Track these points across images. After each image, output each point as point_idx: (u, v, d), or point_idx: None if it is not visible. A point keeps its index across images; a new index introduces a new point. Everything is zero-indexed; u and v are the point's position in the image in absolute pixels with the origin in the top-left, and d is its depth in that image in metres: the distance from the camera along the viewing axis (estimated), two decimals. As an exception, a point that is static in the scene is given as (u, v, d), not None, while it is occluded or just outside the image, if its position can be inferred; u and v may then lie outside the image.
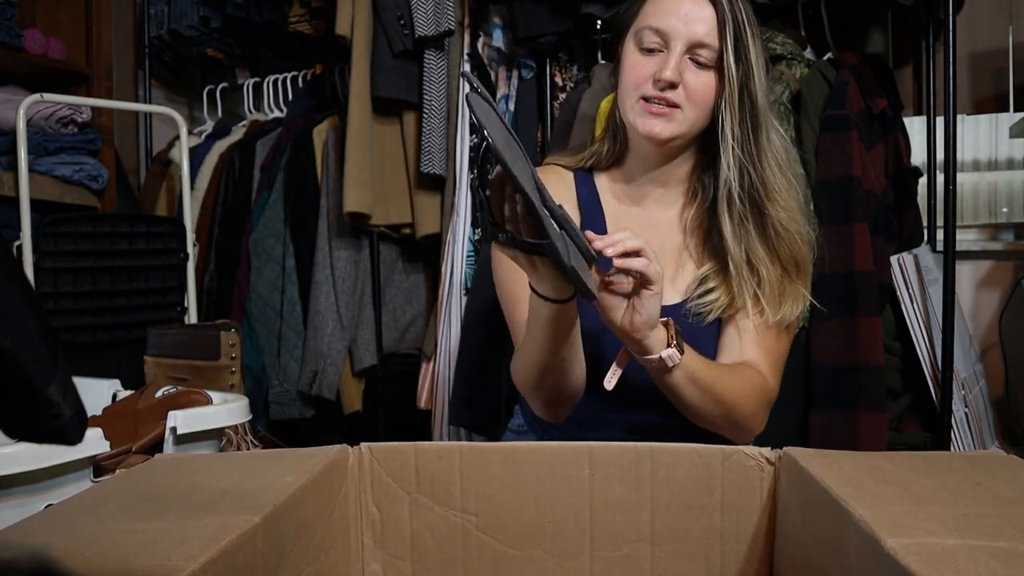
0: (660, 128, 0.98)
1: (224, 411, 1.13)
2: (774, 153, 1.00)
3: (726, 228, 1.00)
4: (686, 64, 0.97)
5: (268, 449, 1.00)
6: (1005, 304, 1.95)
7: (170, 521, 0.51)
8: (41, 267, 1.79)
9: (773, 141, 1.01)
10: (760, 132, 0.98)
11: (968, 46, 2.02)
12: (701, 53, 0.96)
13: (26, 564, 0.45)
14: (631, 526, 0.69)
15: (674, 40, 0.96)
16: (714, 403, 0.94)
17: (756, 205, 0.99)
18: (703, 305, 1.02)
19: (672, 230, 1.09)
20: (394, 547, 0.73)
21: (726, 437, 1.01)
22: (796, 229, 1.01)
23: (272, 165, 2.23)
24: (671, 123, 0.98)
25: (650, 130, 0.98)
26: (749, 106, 0.97)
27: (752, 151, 0.98)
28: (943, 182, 1.59)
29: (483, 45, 2.02)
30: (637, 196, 1.10)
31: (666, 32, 0.97)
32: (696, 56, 0.97)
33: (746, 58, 0.96)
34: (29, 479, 0.90)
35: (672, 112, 0.98)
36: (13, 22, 2.11)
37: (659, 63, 0.97)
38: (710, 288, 1.03)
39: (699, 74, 0.97)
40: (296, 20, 2.29)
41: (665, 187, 1.08)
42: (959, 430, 1.65)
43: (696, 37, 0.96)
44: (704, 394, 0.92)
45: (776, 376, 1.04)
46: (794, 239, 1.01)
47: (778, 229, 1.00)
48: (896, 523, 0.47)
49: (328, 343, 2.07)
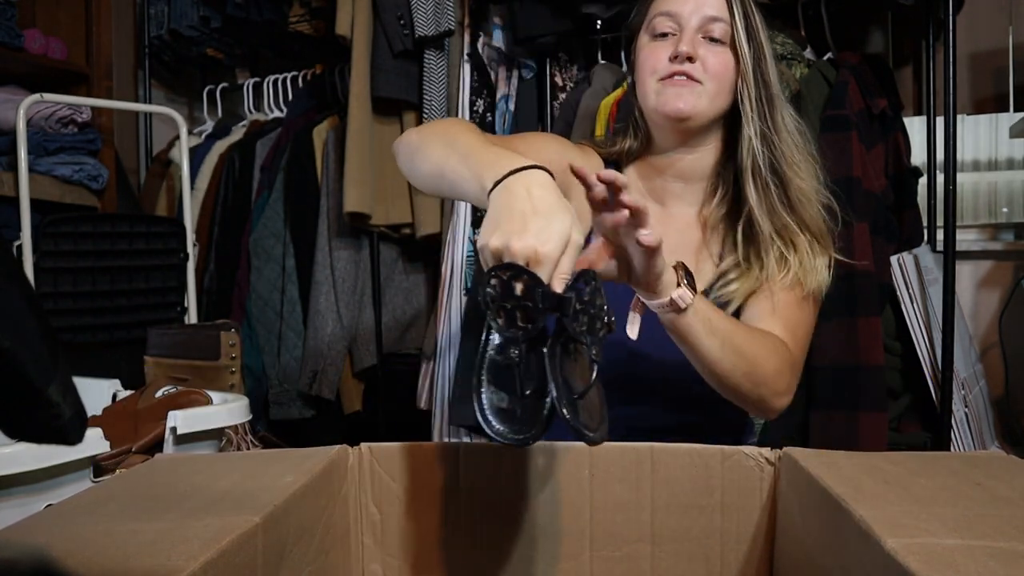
0: (683, 102, 0.99)
1: (224, 411, 1.13)
2: (789, 132, 1.02)
3: (752, 198, 1.00)
4: (700, 41, 0.99)
5: (268, 449, 1.00)
6: (1005, 304, 1.95)
7: (170, 521, 0.51)
8: (41, 267, 1.79)
9: (788, 122, 1.03)
10: (776, 111, 1.01)
11: (968, 46, 2.02)
12: (715, 28, 0.99)
13: (26, 564, 0.45)
14: (631, 526, 0.69)
15: (686, 18, 0.99)
16: (734, 355, 0.89)
17: (778, 174, 1.00)
18: (723, 296, 1.01)
19: (691, 227, 1.09)
20: (394, 547, 0.73)
21: (752, 410, 0.97)
22: (818, 199, 1.03)
23: (272, 165, 2.23)
24: (693, 95, 0.99)
25: (673, 107, 0.99)
26: (763, 84, 1.00)
27: (771, 125, 1.00)
28: (943, 182, 1.59)
29: (483, 45, 2.02)
30: (659, 193, 1.10)
31: (677, 13, 1.00)
32: (710, 32, 0.99)
33: (757, 36, 1.00)
34: (29, 479, 0.90)
35: (692, 85, 0.99)
36: (13, 22, 2.11)
37: (674, 43, 0.99)
38: (730, 279, 1.02)
39: (714, 50, 0.99)
40: (296, 20, 2.29)
41: (687, 183, 1.08)
42: (959, 430, 1.65)
43: (708, 12, 0.99)
44: (723, 345, 0.88)
45: (799, 348, 1.01)
46: (817, 209, 1.02)
47: (801, 199, 1.01)
48: (896, 523, 0.47)
49: (328, 343, 2.07)
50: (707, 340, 0.87)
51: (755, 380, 0.91)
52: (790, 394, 0.96)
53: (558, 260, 0.62)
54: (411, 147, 0.89)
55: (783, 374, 0.95)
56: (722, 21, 0.99)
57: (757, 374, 0.91)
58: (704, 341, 0.87)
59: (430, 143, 0.85)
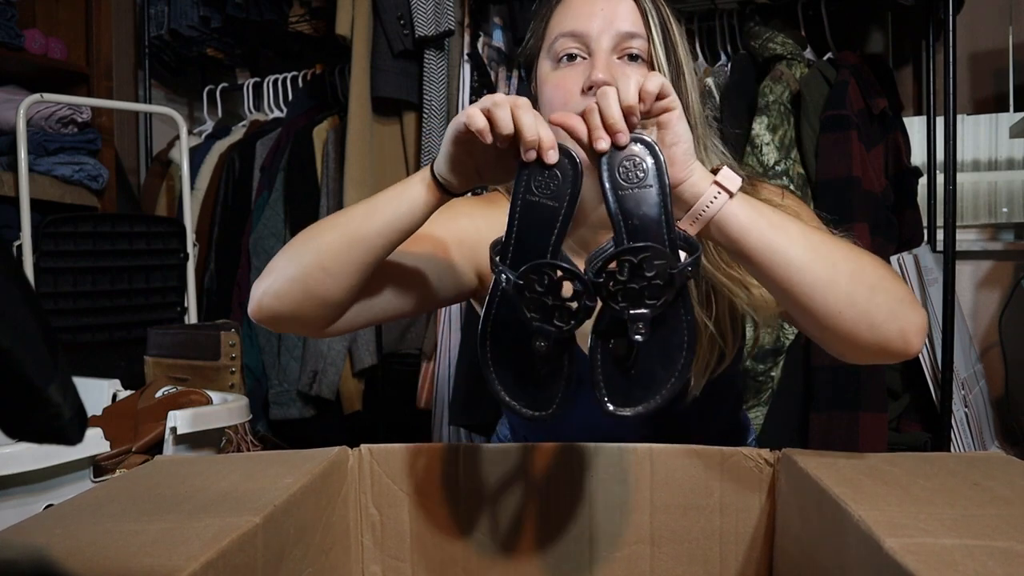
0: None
1: (224, 411, 1.13)
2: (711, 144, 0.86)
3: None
4: (616, 63, 0.81)
5: (268, 450, 1.00)
6: (1005, 304, 1.96)
7: (170, 521, 0.51)
8: (41, 267, 1.79)
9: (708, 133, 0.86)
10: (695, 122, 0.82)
11: (968, 46, 2.02)
12: (632, 44, 0.81)
13: (26, 564, 0.45)
14: (631, 527, 0.69)
15: (596, 38, 0.81)
16: (832, 254, 0.65)
17: None
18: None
19: None
20: (394, 548, 0.73)
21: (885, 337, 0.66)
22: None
23: (272, 165, 2.23)
24: None
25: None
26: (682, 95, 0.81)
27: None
28: (943, 182, 1.59)
29: (483, 45, 2.02)
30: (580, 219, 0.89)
31: (585, 32, 0.81)
32: (627, 49, 0.81)
33: (675, 51, 0.83)
34: (29, 479, 0.90)
35: None
36: (13, 22, 2.11)
37: (585, 70, 0.80)
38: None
39: (635, 70, 0.81)
40: (296, 20, 2.29)
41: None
42: (959, 430, 1.65)
43: (622, 28, 0.81)
44: (807, 241, 0.65)
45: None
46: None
47: None
48: (895, 523, 0.47)
49: (328, 343, 2.07)
50: (784, 241, 0.64)
51: (872, 284, 0.65)
52: (922, 315, 0.68)
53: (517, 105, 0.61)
54: (292, 256, 0.75)
55: (900, 280, 0.69)
56: (639, 37, 0.81)
57: (869, 276, 0.66)
58: (781, 241, 0.64)
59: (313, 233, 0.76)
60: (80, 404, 0.38)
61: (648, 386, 0.60)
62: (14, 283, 0.35)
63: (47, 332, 0.36)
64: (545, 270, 0.59)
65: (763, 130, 1.66)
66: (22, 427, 0.37)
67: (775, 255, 0.64)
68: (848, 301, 0.65)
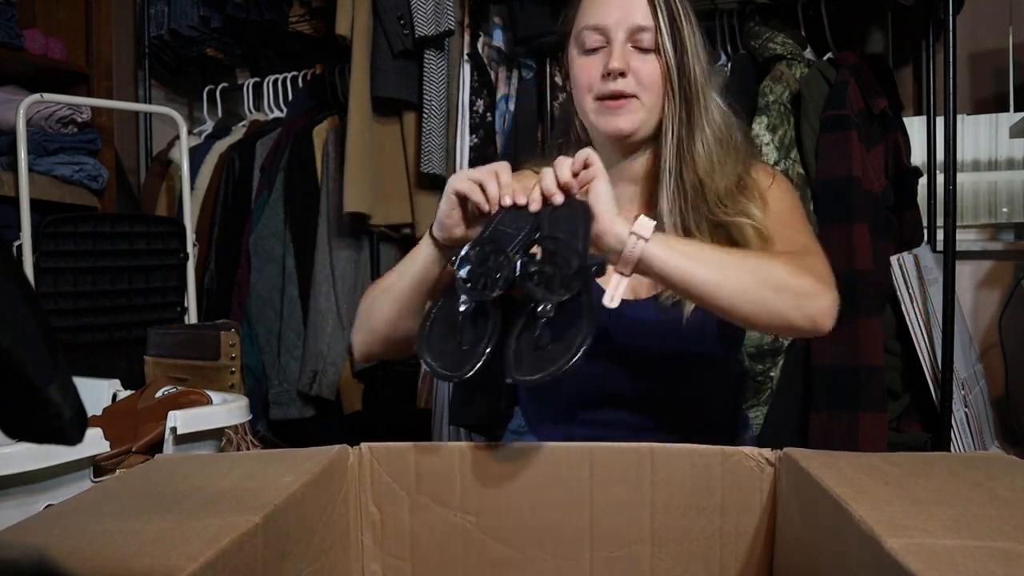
0: (622, 122, 0.99)
1: (224, 411, 1.13)
2: (713, 130, 0.99)
3: (664, 203, 0.97)
4: (631, 52, 0.98)
5: (268, 449, 1.00)
6: (1005, 304, 1.96)
7: (170, 521, 0.51)
8: (41, 267, 1.79)
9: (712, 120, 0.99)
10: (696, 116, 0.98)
11: (968, 46, 2.02)
12: (642, 37, 0.97)
13: (26, 564, 0.45)
14: (631, 527, 0.69)
15: (613, 31, 0.98)
16: (737, 271, 0.82)
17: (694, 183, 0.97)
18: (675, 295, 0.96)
19: None
20: (394, 547, 0.73)
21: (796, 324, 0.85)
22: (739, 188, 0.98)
23: (272, 165, 2.23)
24: (631, 114, 0.98)
25: (614, 127, 0.99)
26: (684, 94, 0.97)
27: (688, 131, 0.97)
28: (943, 182, 1.59)
29: (483, 45, 2.02)
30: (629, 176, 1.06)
31: (604, 26, 0.99)
32: (638, 42, 0.98)
33: (683, 41, 0.97)
34: (29, 479, 0.90)
35: (629, 103, 0.98)
36: (13, 22, 2.11)
37: (604, 58, 0.98)
38: None
39: (645, 59, 0.98)
40: (296, 20, 2.29)
41: (637, 184, 1.05)
42: (959, 430, 1.65)
43: (634, 22, 0.97)
44: (718, 265, 0.82)
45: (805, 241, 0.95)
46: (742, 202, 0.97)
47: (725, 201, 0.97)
48: (896, 523, 0.47)
49: (328, 343, 2.07)
50: (697, 267, 0.82)
51: (776, 286, 0.83)
52: (832, 291, 0.86)
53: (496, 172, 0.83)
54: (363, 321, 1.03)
55: (815, 269, 0.87)
56: (648, 30, 0.97)
57: (773, 280, 0.83)
58: (699, 271, 0.81)
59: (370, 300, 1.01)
60: (80, 404, 0.38)
61: (552, 360, 0.71)
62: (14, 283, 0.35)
63: (47, 332, 0.36)
64: (485, 246, 0.77)
65: (763, 130, 1.66)
66: (22, 427, 0.37)
67: (693, 279, 0.82)
68: (759, 304, 0.83)
